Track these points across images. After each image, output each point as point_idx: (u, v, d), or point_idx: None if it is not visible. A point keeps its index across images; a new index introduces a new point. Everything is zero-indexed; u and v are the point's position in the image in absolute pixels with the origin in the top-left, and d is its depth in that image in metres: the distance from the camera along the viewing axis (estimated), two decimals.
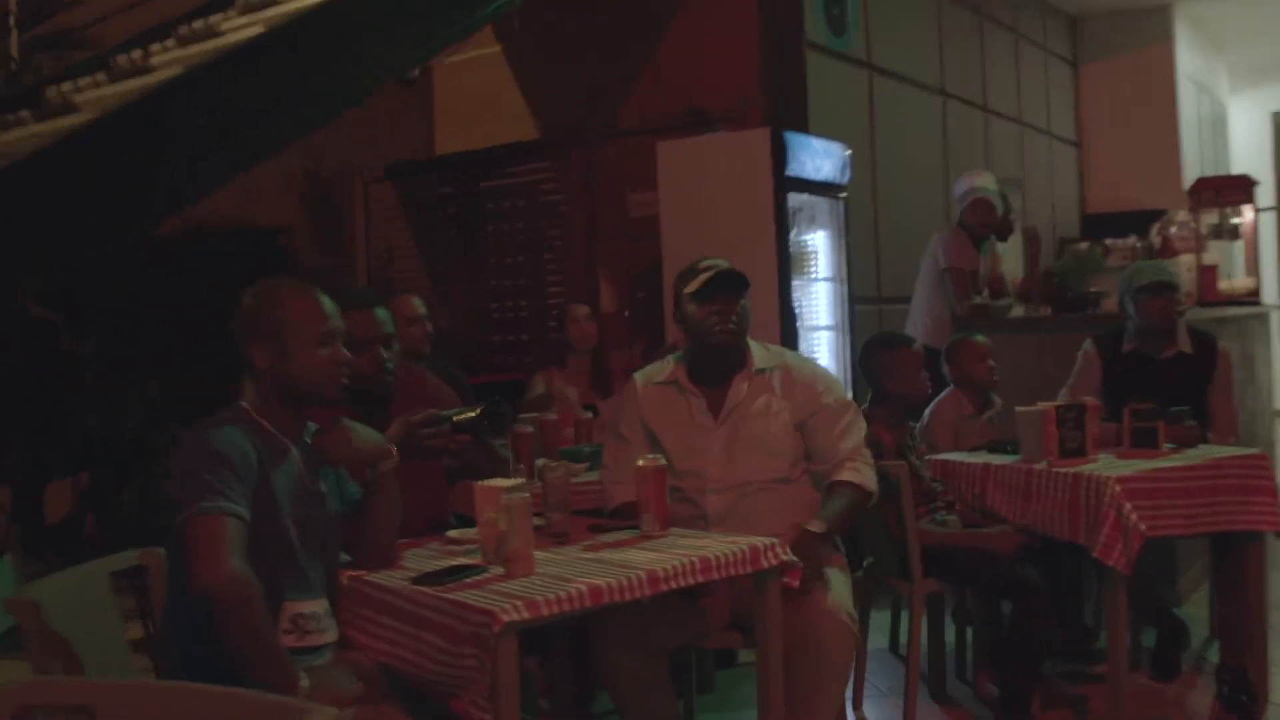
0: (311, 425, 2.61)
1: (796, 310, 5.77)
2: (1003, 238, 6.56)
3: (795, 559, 2.81)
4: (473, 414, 2.96)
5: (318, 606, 2.47)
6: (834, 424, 3.32)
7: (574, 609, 2.35)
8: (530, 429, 4.11)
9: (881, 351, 4.19)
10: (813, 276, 6.07)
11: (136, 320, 6.43)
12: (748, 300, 3.34)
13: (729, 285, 3.29)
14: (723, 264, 3.36)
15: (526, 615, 2.25)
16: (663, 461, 2.93)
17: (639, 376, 3.48)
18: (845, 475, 3.26)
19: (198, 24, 5.51)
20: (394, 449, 2.69)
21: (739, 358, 3.36)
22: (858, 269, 6.39)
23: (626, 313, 6.88)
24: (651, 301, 6.23)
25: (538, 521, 3.06)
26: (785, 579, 2.83)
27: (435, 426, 2.93)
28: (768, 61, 6.44)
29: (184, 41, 5.30)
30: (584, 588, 2.37)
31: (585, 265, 6.80)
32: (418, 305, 4.91)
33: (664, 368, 3.46)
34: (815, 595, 3.00)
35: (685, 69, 6.75)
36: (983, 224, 6.22)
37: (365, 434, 2.62)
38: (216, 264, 6.88)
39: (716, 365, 3.35)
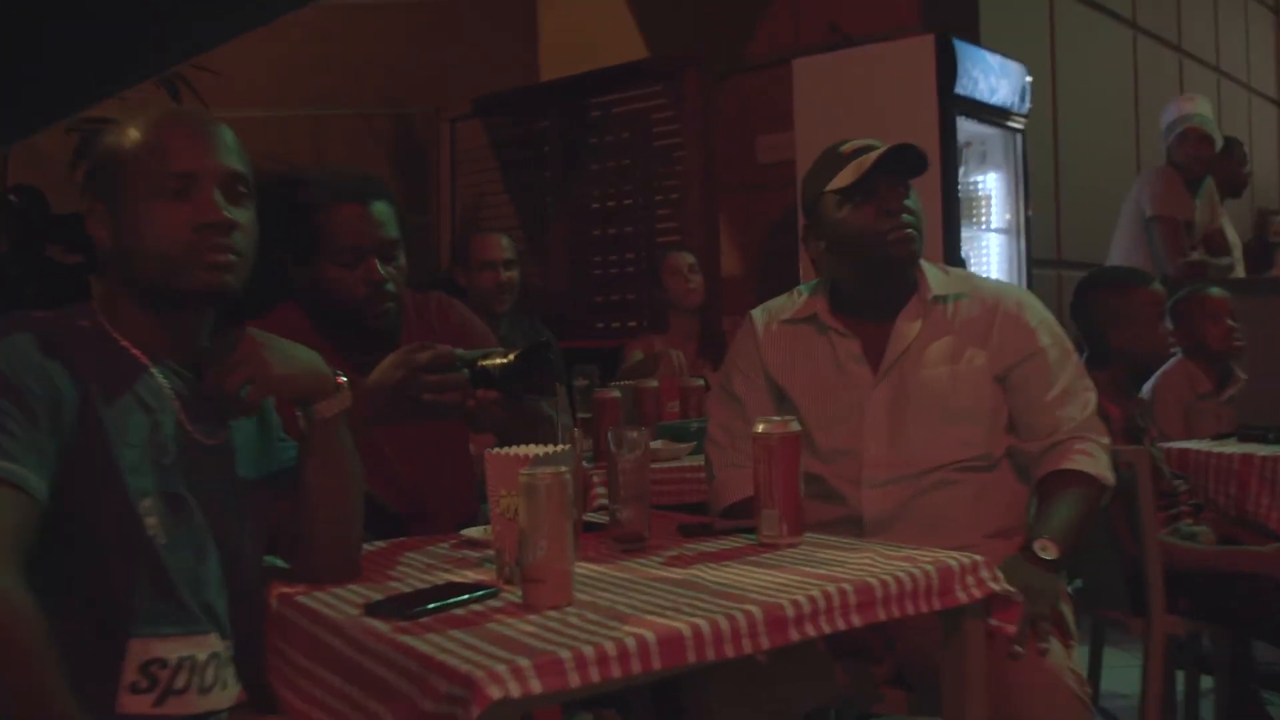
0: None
1: (965, 265, 4.63)
2: (1234, 192, 5.34)
3: (1013, 591, 1.72)
4: (505, 359, 1.93)
5: (198, 647, 1.47)
6: (1052, 379, 2.23)
7: (627, 675, 1.30)
8: (618, 393, 3.08)
9: (1104, 293, 3.06)
10: (983, 226, 4.92)
11: None
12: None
13: (901, 168, 2.21)
14: (875, 142, 2.30)
15: (535, 689, 1.21)
16: (795, 425, 1.87)
17: (758, 313, 2.42)
18: (1075, 462, 2.16)
19: None
20: (341, 380, 1.67)
21: (908, 281, 2.28)
22: (1035, 223, 5.22)
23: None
24: (783, 262, 5.16)
25: (596, 518, 2.05)
26: (994, 622, 1.76)
27: (446, 371, 1.92)
28: None
29: None
30: (650, 637, 1.32)
31: (703, 212, 5.73)
32: (501, 247, 3.94)
33: (793, 301, 2.39)
34: (1032, 649, 1.90)
35: None
36: (1197, 160, 5.05)
37: (290, 352, 1.60)
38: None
39: (876, 292, 2.28)
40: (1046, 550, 1.97)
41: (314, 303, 2.25)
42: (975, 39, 5.15)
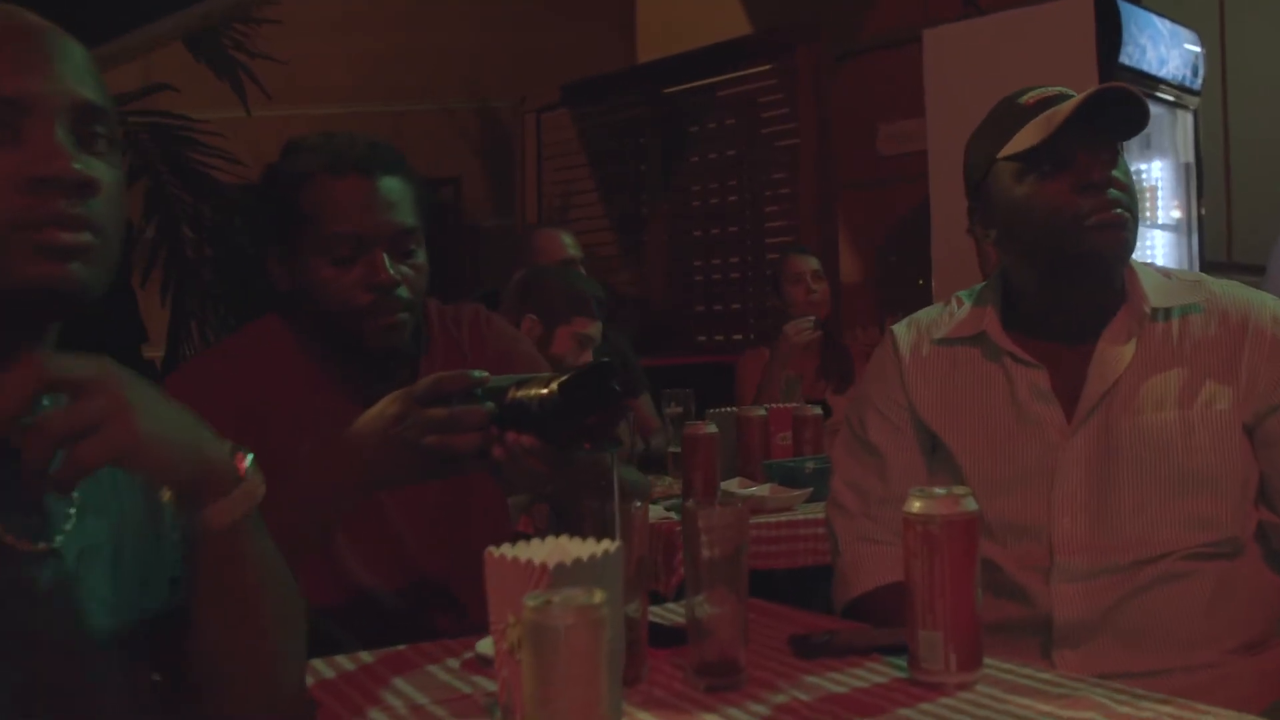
0: None
1: None
2: None
3: None
4: (547, 389, 1.30)
5: None
6: None
7: None
8: (713, 429, 2.48)
9: None
10: (1148, 223, 4.23)
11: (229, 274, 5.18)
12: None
13: (1110, 125, 1.57)
14: (1066, 90, 1.65)
15: None
16: (970, 503, 1.23)
17: (902, 330, 1.78)
18: None
19: None
20: (243, 464, 1.03)
21: (1115, 286, 1.63)
22: (1206, 219, 4.51)
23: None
24: (909, 266, 4.53)
25: (672, 611, 1.46)
26: None
27: (458, 405, 1.32)
28: None
29: None
30: None
31: (819, 210, 5.09)
32: (567, 244, 3.39)
33: (950, 313, 1.75)
34: None
35: None
36: None
37: (165, 411, 0.95)
38: None
39: (1071, 302, 1.63)
40: None
41: (302, 314, 1.68)
42: (1137, 2, 4.49)
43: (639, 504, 1.36)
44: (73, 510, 0.97)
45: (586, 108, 5.99)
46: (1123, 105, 1.57)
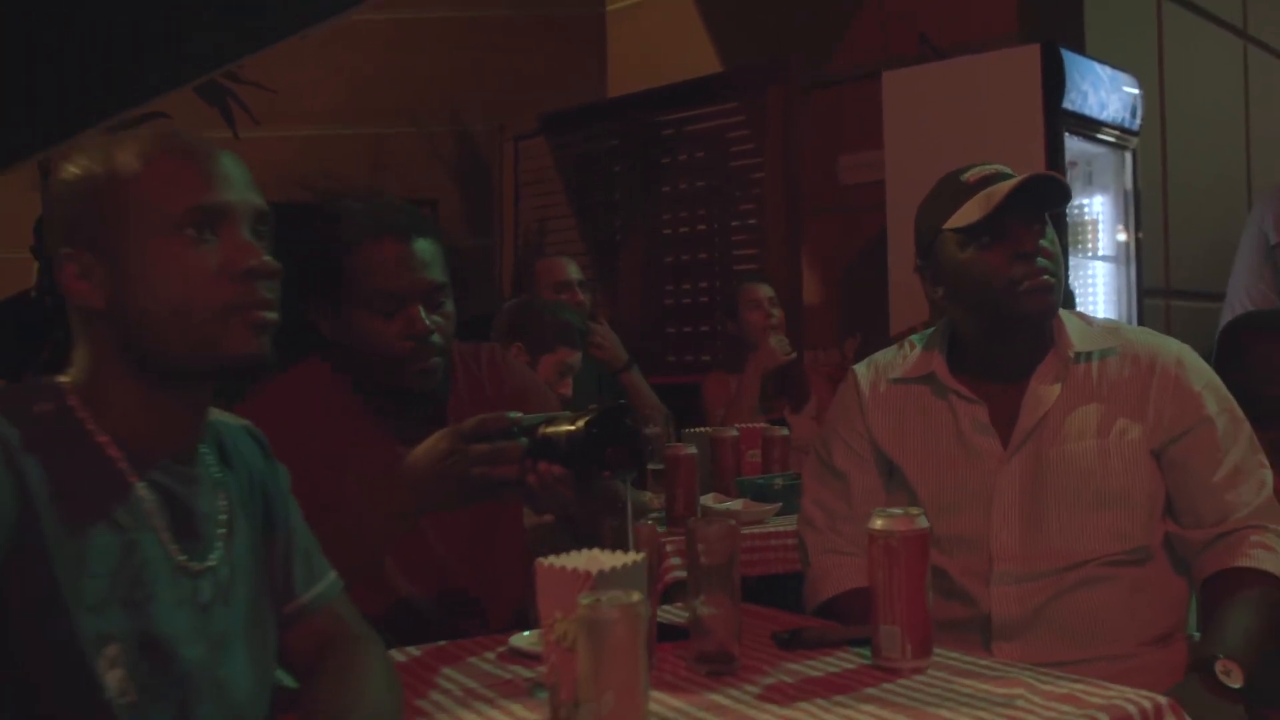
0: (233, 426, 1.30)
1: (1072, 297, 4.23)
2: None
3: None
4: (573, 426, 1.57)
5: None
6: (1221, 455, 1.84)
7: None
8: (692, 450, 2.73)
9: (1264, 340, 2.65)
10: (1090, 254, 4.51)
11: None
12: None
13: (1039, 201, 1.86)
14: (1005, 169, 1.94)
15: None
16: (923, 521, 1.51)
17: (862, 370, 2.06)
18: (1252, 559, 1.78)
19: None
20: None
21: (1044, 335, 1.91)
22: (1145, 249, 4.80)
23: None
24: (869, 291, 4.78)
25: (673, 614, 1.72)
26: None
27: (499, 440, 1.58)
28: None
29: None
30: None
31: (785, 237, 5.33)
32: (570, 269, 3.63)
33: (903, 356, 2.03)
34: None
35: None
36: None
37: None
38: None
39: (1006, 349, 1.92)
40: (1230, 675, 1.59)
41: (345, 358, 1.93)
42: (1080, 44, 4.76)
43: (649, 520, 1.63)
44: (221, 533, 1.23)
45: (563, 137, 6.17)
46: (1050, 183, 1.86)
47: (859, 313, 5.20)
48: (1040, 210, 1.88)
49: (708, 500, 2.86)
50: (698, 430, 3.25)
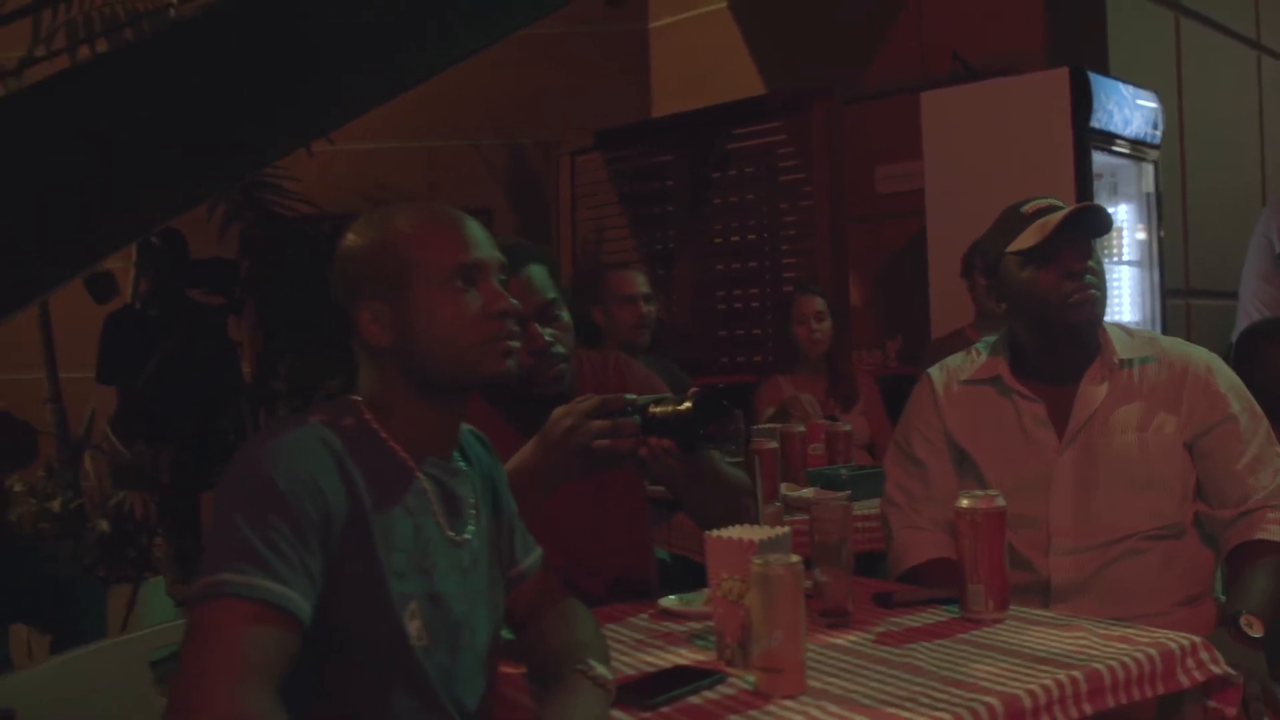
0: (465, 431, 1.64)
1: None
2: None
3: (1234, 674, 1.70)
4: (679, 406, 1.87)
5: None
6: (1242, 446, 2.19)
7: None
8: (774, 443, 3.07)
9: (1275, 345, 2.99)
10: (1115, 259, 4.84)
11: (309, 308, 5.68)
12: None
13: (1086, 229, 2.20)
14: (1057, 201, 2.29)
15: None
16: (1000, 501, 1.86)
17: (935, 372, 2.41)
18: (1269, 532, 2.12)
19: None
20: None
21: (1092, 343, 2.26)
22: (1166, 253, 5.13)
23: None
24: (909, 291, 5.09)
25: None
26: (1212, 704, 1.73)
27: (615, 417, 1.87)
28: (1056, 1, 5.23)
29: None
30: None
31: (831, 248, 5.67)
32: (639, 282, 3.95)
33: (971, 360, 2.38)
34: None
35: (946, 12, 5.60)
36: None
37: None
38: None
39: (1060, 355, 2.26)
40: (1252, 627, 1.94)
41: None
42: (1103, 64, 5.09)
43: (776, 505, 1.99)
44: (472, 513, 1.57)
45: (617, 151, 6.51)
46: (1095, 215, 2.21)
47: (898, 314, 5.53)
48: (1087, 235, 2.22)
49: (782, 489, 3.19)
50: (767, 426, 3.57)
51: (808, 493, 3.21)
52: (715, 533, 1.67)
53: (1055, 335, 2.24)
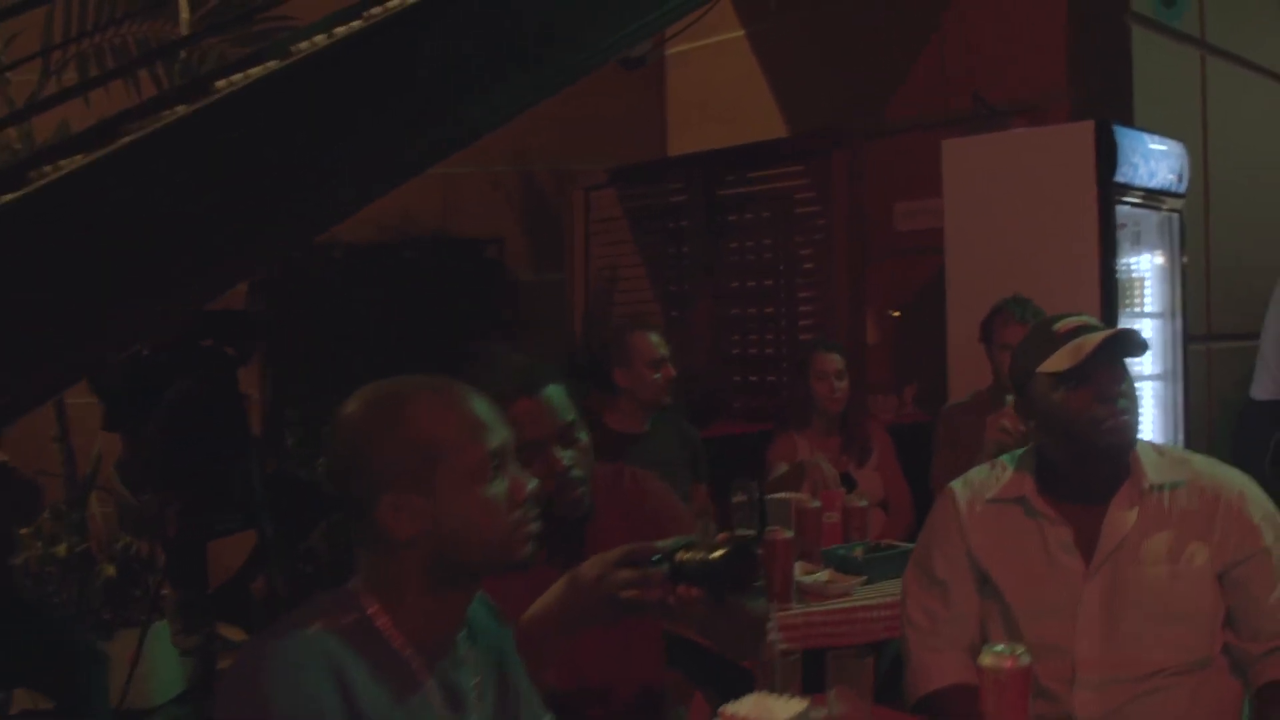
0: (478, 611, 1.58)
1: None
2: None
3: None
4: (708, 554, 1.80)
5: None
6: (1275, 579, 2.12)
7: None
8: (790, 534, 3.01)
9: None
10: (1139, 311, 4.76)
11: (323, 341, 5.64)
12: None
13: (1120, 351, 2.14)
14: (1091, 320, 2.22)
15: None
16: (1026, 658, 1.79)
17: (959, 487, 2.34)
18: None
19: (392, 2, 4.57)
20: None
21: (1123, 464, 2.19)
22: (1189, 299, 5.04)
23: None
24: (928, 329, 4.99)
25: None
26: None
27: (642, 567, 1.82)
28: (1079, 41, 5.13)
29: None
30: None
31: (848, 290, 5.59)
32: (657, 344, 3.88)
33: (997, 476, 2.31)
34: None
35: (967, 51, 5.51)
36: None
37: None
38: (414, 278, 6.11)
39: (1089, 476, 2.20)
40: None
41: None
42: (1127, 104, 5.00)
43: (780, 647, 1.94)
44: (476, 695, 1.52)
45: (632, 189, 6.44)
46: (1131, 336, 2.14)
47: (917, 353, 5.42)
48: (1121, 357, 2.15)
49: (797, 572, 3.13)
50: (782, 497, 3.50)
51: (823, 576, 3.15)
52: (730, 709, 1.61)
53: (1085, 457, 2.17)
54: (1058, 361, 2.15)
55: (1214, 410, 5.46)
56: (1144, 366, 4.78)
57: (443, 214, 6.59)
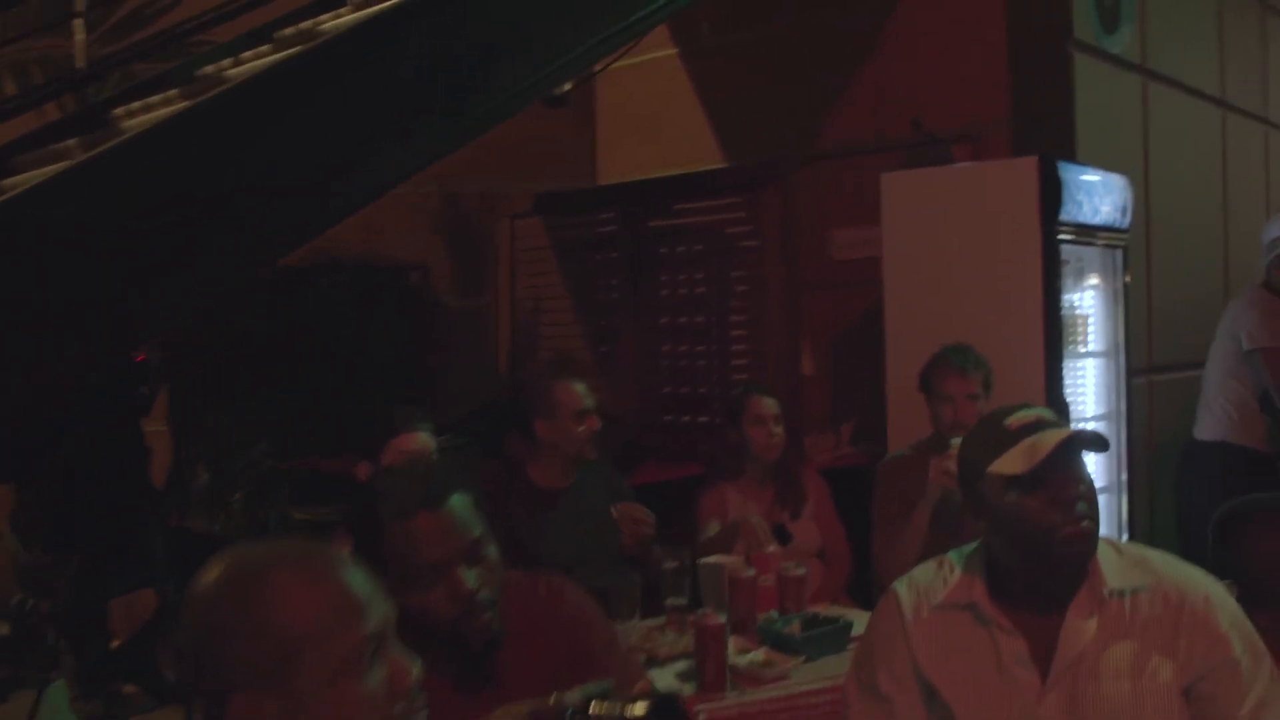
0: None
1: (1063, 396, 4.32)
2: None
3: None
4: (624, 708, 1.58)
5: None
6: (1245, 691, 1.95)
7: None
8: (722, 618, 2.81)
9: (1261, 530, 2.70)
10: (1081, 350, 4.62)
11: (238, 371, 5.38)
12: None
13: (1076, 448, 1.96)
14: (1045, 413, 2.04)
15: None
16: None
17: (903, 590, 2.15)
18: None
19: (305, 24, 4.32)
20: None
21: (1080, 570, 2.01)
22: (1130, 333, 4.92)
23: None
24: (866, 362, 4.82)
25: None
26: None
27: None
28: (1021, 68, 5.00)
29: (283, 47, 4.12)
30: None
31: (784, 325, 5.41)
32: (583, 394, 3.65)
33: (944, 577, 2.12)
34: None
35: (908, 77, 5.37)
36: None
37: None
38: (336, 305, 5.88)
39: (1044, 583, 2.01)
40: None
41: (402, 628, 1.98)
42: (1069, 133, 4.87)
43: None
44: None
45: (559, 219, 6.21)
46: (1089, 439, 1.97)
47: (854, 385, 5.26)
48: (1079, 456, 1.97)
49: (730, 652, 2.93)
50: (714, 560, 3.30)
51: (759, 656, 2.96)
52: None
53: (1039, 564, 1.99)
54: (1011, 463, 1.96)
55: (1155, 445, 5.36)
56: (1087, 406, 4.66)
57: (365, 237, 6.34)
